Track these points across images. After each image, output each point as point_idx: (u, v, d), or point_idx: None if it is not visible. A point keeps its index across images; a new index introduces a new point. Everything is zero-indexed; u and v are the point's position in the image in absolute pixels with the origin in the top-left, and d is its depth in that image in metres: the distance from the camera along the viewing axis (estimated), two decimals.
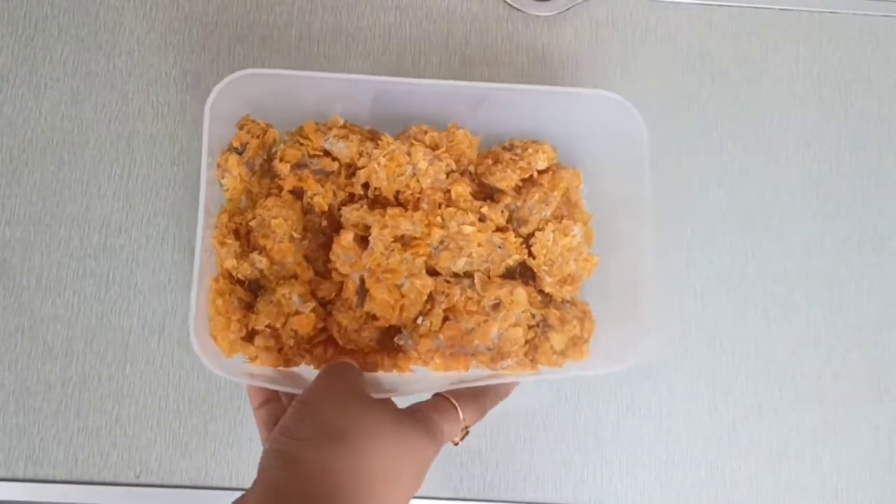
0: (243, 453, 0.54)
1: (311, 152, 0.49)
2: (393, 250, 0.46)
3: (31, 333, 0.55)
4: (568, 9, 0.62)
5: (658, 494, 0.55)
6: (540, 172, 0.51)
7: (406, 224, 0.47)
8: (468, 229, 0.47)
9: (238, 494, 0.53)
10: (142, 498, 0.53)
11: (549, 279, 0.49)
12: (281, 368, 0.47)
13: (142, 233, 0.57)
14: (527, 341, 0.48)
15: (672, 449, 0.56)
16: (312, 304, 0.46)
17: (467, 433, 0.43)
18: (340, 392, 0.39)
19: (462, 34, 0.61)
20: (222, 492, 0.54)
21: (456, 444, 0.42)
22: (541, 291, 0.50)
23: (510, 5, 0.62)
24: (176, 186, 0.58)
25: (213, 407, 0.55)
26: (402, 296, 0.46)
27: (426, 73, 0.60)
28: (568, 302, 0.50)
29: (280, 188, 0.49)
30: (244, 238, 0.48)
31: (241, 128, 0.49)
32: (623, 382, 0.56)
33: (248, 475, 0.54)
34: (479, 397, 0.44)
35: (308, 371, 0.48)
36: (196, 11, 0.61)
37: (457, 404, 0.42)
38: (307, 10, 0.61)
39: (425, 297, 0.46)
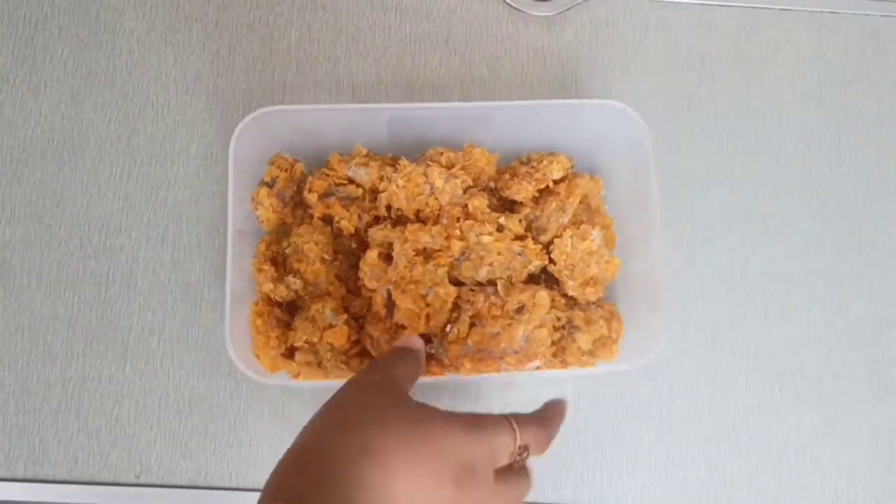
0: (243, 453, 0.54)
1: (337, 181, 0.53)
2: (415, 263, 0.48)
3: (31, 333, 0.55)
4: (568, 9, 0.62)
5: (658, 494, 0.55)
6: (556, 182, 0.53)
7: (425, 237, 0.49)
8: (487, 239, 0.50)
9: (238, 494, 0.54)
10: (142, 498, 0.53)
11: (570, 283, 0.51)
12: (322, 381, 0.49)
13: (142, 233, 0.57)
14: (553, 342, 0.50)
15: (672, 449, 0.56)
16: (344, 317, 0.49)
17: (526, 453, 0.38)
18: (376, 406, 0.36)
19: (462, 34, 0.61)
20: (222, 492, 0.54)
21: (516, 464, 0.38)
22: (564, 295, 0.52)
23: (510, 5, 0.62)
24: (176, 186, 0.58)
25: (213, 407, 0.55)
26: (427, 304, 0.48)
27: (426, 73, 0.60)
28: (593, 304, 0.52)
29: (311, 216, 0.52)
30: (280, 265, 0.52)
31: (271, 164, 0.53)
32: (623, 382, 0.56)
33: (248, 475, 0.54)
34: (544, 424, 0.40)
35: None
36: (196, 11, 0.61)
37: (514, 425, 0.37)
38: (307, 10, 0.61)
39: (450, 306, 0.48)
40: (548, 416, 0.41)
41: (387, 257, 0.50)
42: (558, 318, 0.50)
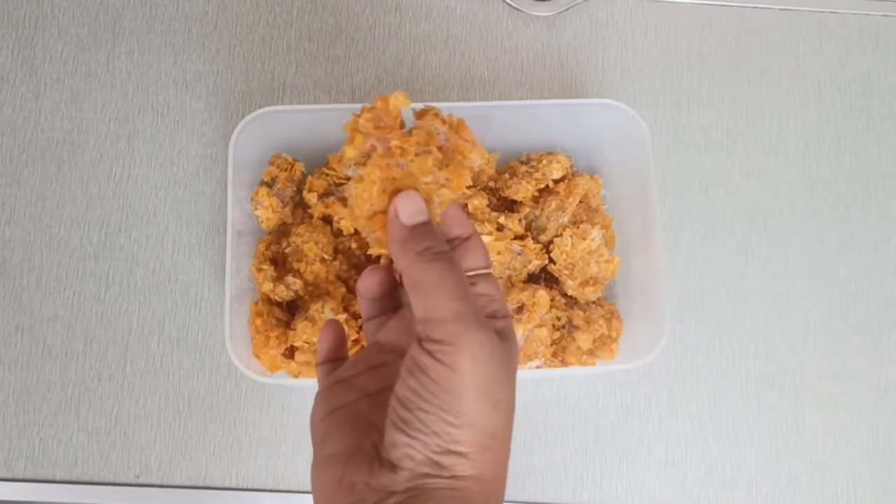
0: (243, 453, 0.54)
1: (337, 181, 0.52)
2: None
3: (31, 333, 0.55)
4: (568, 9, 0.62)
5: (658, 494, 0.55)
6: (556, 182, 0.54)
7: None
8: (486, 238, 0.50)
9: (238, 494, 0.54)
10: (142, 498, 0.53)
11: (570, 282, 0.51)
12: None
13: (142, 233, 0.57)
14: (553, 342, 0.50)
15: (672, 449, 0.56)
16: (344, 317, 0.49)
17: None
18: (487, 364, 0.29)
19: (462, 34, 0.61)
20: (222, 492, 0.54)
21: None
22: (564, 294, 0.52)
23: (510, 5, 0.62)
24: (176, 186, 0.58)
25: (213, 407, 0.55)
26: None
27: (426, 73, 0.60)
28: (593, 303, 0.52)
29: (311, 216, 0.52)
30: (280, 265, 0.52)
31: (271, 164, 0.53)
32: (623, 382, 0.56)
33: (248, 475, 0.54)
34: None
35: None
36: (196, 11, 0.61)
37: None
38: (307, 10, 0.61)
39: None
40: None
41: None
42: (558, 318, 0.50)
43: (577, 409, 0.56)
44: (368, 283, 0.36)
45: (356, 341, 0.49)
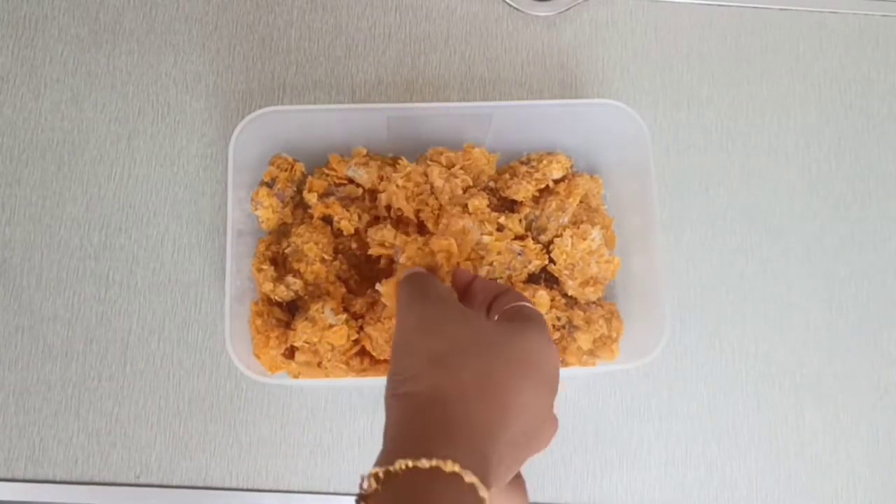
0: (243, 453, 0.54)
1: (337, 181, 0.53)
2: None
3: (31, 333, 0.55)
4: (568, 9, 0.62)
5: (658, 494, 0.55)
6: (556, 182, 0.54)
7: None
8: (487, 239, 0.49)
9: (238, 494, 0.54)
10: (142, 498, 0.53)
11: (570, 282, 0.51)
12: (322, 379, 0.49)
13: (142, 233, 0.57)
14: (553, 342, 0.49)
15: (672, 449, 0.56)
16: (344, 317, 0.49)
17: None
18: (431, 315, 0.36)
19: (462, 34, 0.61)
20: (222, 492, 0.54)
21: None
22: (564, 294, 0.52)
23: (510, 5, 0.62)
24: (176, 186, 0.58)
25: (213, 407, 0.55)
26: None
27: (426, 73, 0.60)
28: (593, 303, 0.52)
29: (311, 216, 0.52)
30: (280, 265, 0.52)
31: (271, 164, 0.53)
32: (623, 382, 0.56)
33: (248, 475, 0.54)
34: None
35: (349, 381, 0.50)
36: (196, 11, 0.61)
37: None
38: (307, 10, 0.61)
39: None
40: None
41: (390, 262, 0.50)
42: (558, 318, 0.50)
43: (577, 409, 0.56)
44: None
45: (356, 341, 0.49)
